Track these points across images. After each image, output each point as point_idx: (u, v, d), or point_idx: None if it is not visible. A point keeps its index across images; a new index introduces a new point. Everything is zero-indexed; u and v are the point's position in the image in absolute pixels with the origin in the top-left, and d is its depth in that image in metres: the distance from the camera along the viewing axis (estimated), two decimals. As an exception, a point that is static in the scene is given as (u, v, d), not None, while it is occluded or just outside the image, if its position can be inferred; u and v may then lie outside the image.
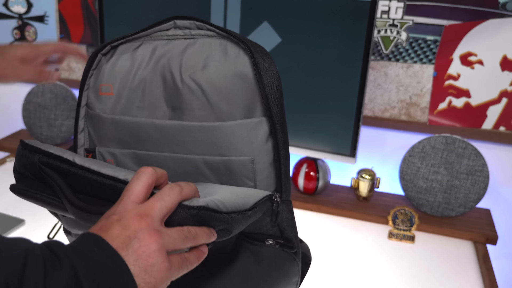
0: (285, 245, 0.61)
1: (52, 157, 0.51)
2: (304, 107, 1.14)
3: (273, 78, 0.54)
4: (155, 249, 0.41)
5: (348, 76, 1.08)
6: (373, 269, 1.02)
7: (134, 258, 0.40)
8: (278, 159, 0.56)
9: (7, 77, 0.91)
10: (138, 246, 0.41)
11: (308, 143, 1.18)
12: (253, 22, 1.11)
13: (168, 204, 0.45)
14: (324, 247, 1.09)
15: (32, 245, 0.37)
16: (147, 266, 0.41)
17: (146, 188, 0.46)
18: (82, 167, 0.50)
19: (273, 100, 0.54)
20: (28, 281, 0.34)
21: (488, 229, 1.14)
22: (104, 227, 0.42)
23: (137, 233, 0.42)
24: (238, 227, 0.50)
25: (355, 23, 1.04)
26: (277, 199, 0.57)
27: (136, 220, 0.42)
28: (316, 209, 1.22)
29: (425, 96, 1.24)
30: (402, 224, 1.14)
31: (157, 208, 0.44)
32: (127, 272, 0.39)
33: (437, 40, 1.19)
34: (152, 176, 0.47)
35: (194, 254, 0.46)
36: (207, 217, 0.47)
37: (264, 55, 0.54)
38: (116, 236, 0.41)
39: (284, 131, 0.56)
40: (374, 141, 1.32)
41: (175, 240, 0.44)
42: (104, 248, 0.40)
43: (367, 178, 1.21)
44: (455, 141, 1.15)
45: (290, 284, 0.65)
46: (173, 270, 0.43)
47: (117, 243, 0.41)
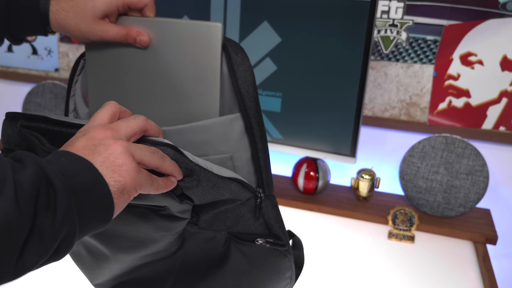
0: (275, 244, 0.61)
1: (31, 118, 0.52)
2: (304, 107, 1.14)
3: (245, 72, 0.54)
4: (121, 151, 0.42)
5: (348, 76, 1.08)
6: (373, 269, 1.02)
7: (100, 160, 0.41)
8: (256, 153, 0.56)
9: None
10: (103, 149, 0.41)
11: (308, 143, 1.18)
12: (253, 22, 1.11)
13: (133, 125, 0.46)
14: (324, 247, 1.09)
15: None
16: (114, 166, 0.41)
17: (110, 114, 0.47)
18: (57, 122, 0.50)
19: (246, 94, 0.54)
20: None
21: (488, 229, 1.14)
22: (69, 143, 0.43)
23: (102, 140, 0.42)
24: (204, 186, 0.50)
25: (355, 23, 1.04)
26: (261, 194, 0.57)
27: (101, 131, 0.43)
28: (316, 209, 1.22)
29: (425, 96, 1.24)
30: (402, 224, 1.14)
31: (122, 126, 0.45)
32: (94, 171, 0.39)
33: (437, 40, 1.19)
34: (115, 106, 0.48)
35: (163, 180, 0.46)
36: (172, 156, 0.47)
37: (238, 49, 0.54)
38: (81, 147, 0.41)
39: (260, 125, 0.55)
40: (374, 141, 1.32)
41: (141, 149, 0.44)
42: (70, 156, 0.40)
43: (367, 178, 1.21)
44: (455, 141, 1.15)
45: (283, 280, 0.66)
46: (142, 176, 0.43)
47: (83, 152, 0.41)
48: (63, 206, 0.36)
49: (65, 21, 0.54)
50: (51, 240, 0.36)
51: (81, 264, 0.67)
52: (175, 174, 0.47)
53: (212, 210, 0.56)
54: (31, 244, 0.35)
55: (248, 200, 0.57)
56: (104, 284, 0.68)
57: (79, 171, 0.39)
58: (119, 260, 0.61)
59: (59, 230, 0.36)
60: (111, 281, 0.67)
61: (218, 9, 1.12)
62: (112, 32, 0.55)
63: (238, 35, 1.13)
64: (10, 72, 1.62)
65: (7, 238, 0.33)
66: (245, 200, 0.57)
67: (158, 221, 0.53)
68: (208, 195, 0.51)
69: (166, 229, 0.55)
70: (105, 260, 0.62)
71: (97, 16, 0.54)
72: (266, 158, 0.57)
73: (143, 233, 0.56)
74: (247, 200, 0.57)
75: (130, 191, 0.42)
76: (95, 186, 0.39)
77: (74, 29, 0.54)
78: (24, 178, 0.35)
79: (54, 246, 0.36)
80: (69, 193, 0.37)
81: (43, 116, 0.51)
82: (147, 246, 0.58)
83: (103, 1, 0.54)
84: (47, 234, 0.35)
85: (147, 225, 0.54)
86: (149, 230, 0.55)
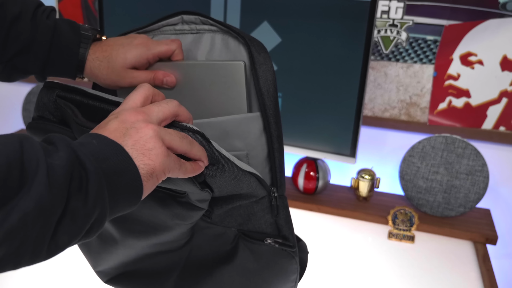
0: (284, 244, 0.61)
1: (67, 89, 0.53)
2: (304, 107, 1.14)
3: (267, 72, 0.55)
4: (151, 135, 0.43)
5: (348, 76, 1.08)
6: (373, 269, 1.02)
7: (131, 142, 0.42)
8: (273, 153, 0.57)
9: None
10: (134, 132, 0.42)
11: (308, 143, 1.18)
12: (253, 22, 1.11)
13: (165, 110, 0.46)
14: (324, 247, 1.09)
15: (25, 134, 0.37)
16: (144, 150, 0.42)
17: (143, 97, 0.47)
18: (92, 96, 0.51)
19: (266, 94, 0.55)
20: (29, 161, 0.34)
21: (488, 229, 1.14)
22: (102, 125, 0.44)
23: (133, 123, 0.43)
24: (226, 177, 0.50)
25: (355, 23, 1.04)
26: (275, 194, 0.58)
27: (133, 114, 0.44)
28: (316, 209, 1.22)
29: (425, 96, 1.24)
30: (402, 224, 1.14)
31: (154, 110, 0.46)
32: (125, 154, 0.40)
33: (437, 40, 1.19)
34: (149, 89, 0.48)
35: (191, 164, 0.47)
36: (200, 143, 0.48)
37: (261, 49, 0.55)
38: (113, 129, 0.42)
39: (278, 125, 0.56)
40: (374, 141, 1.32)
41: (171, 134, 0.44)
42: (102, 139, 0.41)
43: (367, 178, 1.21)
44: (455, 141, 1.15)
45: (288, 282, 0.66)
46: (171, 161, 0.44)
47: (114, 134, 0.42)
48: (94, 189, 0.37)
49: (98, 70, 0.58)
50: (83, 221, 0.37)
51: (87, 249, 0.67)
52: (202, 160, 0.48)
53: (227, 205, 0.57)
54: (64, 225, 0.36)
55: (262, 199, 0.58)
56: (106, 272, 0.68)
57: (110, 154, 0.40)
58: (128, 245, 0.61)
59: (90, 213, 0.37)
60: (114, 269, 0.66)
61: (218, 9, 1.12)
62: (141, 78, 0.58)
63: (238, 35, 1.13)
64: (10, 72, 1.62)
65: (41, 221, 0.34)
66: (259, 198, 0.57)
67: (176, 208, 0.54)
68: (228, 187, 0.52)
69: (181, 217, 0.55)
70: (113, 245, 0.62)
71: (127, 66, 0.57)
72: (282, 158, 0.58)
73: (158, 219, 0.56)
74: (261, 198, 0.57)
75: (159, 175, 0.43)
76: (126, 169, 0.40)
77: (105, 77, 0.58)
78: (57, 162, 0.36)
79: (86, 227, 0.38)
80: (101, 176, 0.38)
81: (80, 88, 0.52)
82: (159, 233, 0.58)
83: (134, 55, 0.57)
84: (79, 216, 0.37)
85: (163, 210, 0.54)
86: (164, 216, 0.55)
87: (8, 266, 0.35)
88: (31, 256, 0.35)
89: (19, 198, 0.33)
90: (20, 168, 0.34)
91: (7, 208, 0.33)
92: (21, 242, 0.34)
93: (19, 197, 0.33)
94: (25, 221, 0.33)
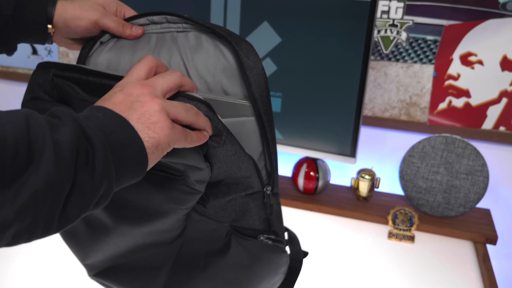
0: (277, 241, 0.62)
1: (64, 67, 0.52)
2: (304, 107, 1.14)
3: (258, 76, 0.52)
4: (156, 109, 0.43)
5: (348, 76, 1.08)
6: (373, 269, 1.02)
7: (136, 116, 0.42)
8: (269, 156, 0.57)
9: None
10: (140, 106, 0.43)
11: (308, 143, 1.18)
12: (253, 22, 1.11)
13: (169, 81, 0.47)
14: (324, 247, 1.09)
15: (30, 110, 0.38)
16: (149, 123, 0.42)
17: (147, 69, 0.48)
18: (91, 72, 0.51)
19: (260, 99, 0.53)
20: (36, 138, 0.35)
21: (488, 229, 1.14)
22: (107, 97, 0.44)
23: (139, 97, 0.43)
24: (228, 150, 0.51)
25: (355, 23, 1.04)
26: (268, 191, 0.58)
27: (138, 87, 0.44)
28: (316, 209, 1.22)
29: (425, 96, 1.24)
30: (402, 224, 1.14)
31: (159, 82, 0.46)
32: (130, 128, 0.41)
33: (437, 40, 1.19)
34: (152, 60, 0.49)
35: (196, 133, 0.47)
36: (205, 113, 0.48)
37: (249, 52, 0.52)
38: (119, 102, 0.43)
39: (272, 128, 0.56)
40: (374, 141, 1.32)
41: (176, 107, 0.45)
42: (107, 113, 0.41)
43: (367, 178, 1.21)
44: (455, 141, 1.15)
45: (278, 274, 0.67)
46: (176, 133, 0.44)
47: (119, 107, 0.42)
48: (101, 163, 0.38)
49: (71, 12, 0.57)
50: (91, 195, 0.38)
51: (75, 241, 0.65)
52: (207, 130, 0.48)
53: (223, 196, 0.57)
54: (73, 199, 0.37)
55: (256, 193, 0.58)
56: (95, 266, 0.66)
57: (116, 128, 0.40)
58: (120, 233, 0.60)
59: (98, 186, 0.38)
60: (103, 262, 0.65)
61: (218, 9, 1.12)
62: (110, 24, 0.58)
63: (238, 35, 1.13)
64: (10, 72, 1.62)
65: (51, 197, 0.35)
66: (254, 191, 0.57)
67: (172, 191, 0.53)
68: (228, 163, 0.52)
69: (178, 201, 0.55)
70: (104, 233, 0.61)
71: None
72: (276, 159, 0.58)
73: (154, 204, 0.55)
74: (255, 193, 0.58)
75: (164, 147, 0.43)
76: (131, 142, 0.41)
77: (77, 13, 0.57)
78: (63, 138, 0.36)
79: (94, 200, 0.39)
80: (107, 150, 0.38)
81: (77, 66, 0.52)
82: (153, 219, 0.57)
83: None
84: (87, 190, 0.38)
85: (159, 194, 0.54)
86: (160, 201, 0.55)
87: (21, 240, 0.36)
88: (43, 231, 0.36)
89: (28, 175, 0.34)
90: (28, 145, 0.34)
91: (17, 185, 0.33)
92: (33, 218, 0.35)
93: (27, 174, 0.34)
94: (36, 198, 0.34)
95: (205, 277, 0.62)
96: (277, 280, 0.68)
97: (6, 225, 0.34)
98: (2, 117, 0.35)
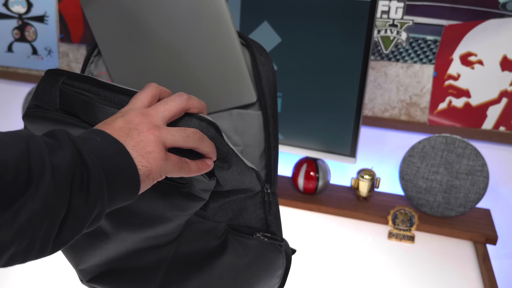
0: (273, 238, 0.62)
1: (75, 77, 0.53)
2: (304, 107, 1.14)
3: (269, 72, 0.56)
4: (152, 139, 0.44)
5: (348, 76, 1.08)
6: (373, 269, 1.02)
7: (132, 143, 0.43)
8: (269, 151, 0.58)
9: None
10: (136, 135, 0.44)
11: (308, 143, 1.18)
12: (253, 22, 1.11)
13: (172, 108, 0.47)
14: (324, 247, 1.09)
15: (30, 132, 0.38)
16: (144, 152, 0.43)
17: (150, 96, 0.49)
18: (103, 84, 0.51)
19: (268, 93, 0.56)
20: (35, 162, 0.36)
21: (488, 229, 1.14)
22: (108, 122, 0.45)
23: (137, 125, 0.45)
24: (233, 171, 0.51)
25: (355, 23, 1.04)
26: (268, 190, 0.59)
27: (138, 116, 0.46)
28: (316, 209, 1.22)
29: (425, 96, 1.24)
30: (402, 224, 1.14)
31: (160, 110, 0.47)
32: (126, 154, 0.42)
33: (437, 40, 1.19)
34: (156, 88, 0.50)
35: (197, 163, 0.48)
36: (213, 136, 0.49)
37: (262, 50, 0.56)
38: (118, 128, 0.44)
39: (276, 124, 0.58)
40: (374, 141, 1.32)
41: (174, 136, 0.46)
42: (105, 137, 0.42)
43: (367, 178, 1.21)
44: (455, 141, 1.15)
45: (274, 278, 0.67)
46: (169, 164, 0.45)
47: (118, 133, 0.44)
48: (96, 188, 0.39)
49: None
50: (85, 218, 0.39)
51: (70, 248, 0.64)
52: (211, 156, 0.49)
53: (223, 198, 0.57)
54: (67, 222, 0.38)
55: (256, 194, 0.59)
56: (89, 270, 0.65)
57: (112, 153, 0.41)
58: (120, 239, 0.60)
59: (91, 211, 0.39)
60: (98, 266, 0.64)
61: (218, 9, 1.12)
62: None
63: (238, 35, 1.13)
64: (10, 72, 1.62)
65: (47, 220, 0.36)
66: (254, 193, 0.58)
67: (176, 198, 0.54)
68: (233, 181, 0.53)
69: (181, 208, 0.55)
70: (103, 239, 0.60)
71: None
72: (277, 156, 0.59)
73: (156, 211, 0.56)
74: (255, 194, 0.59)
75: (155, 177, 0.44)
76: (126, 168, 0.42)
77: None
78: (61, 163, 0.37)
79: (87, 223, 0.40)
80: (101, 175, 0.39)
81: (89, 77, 0.52)
82: (155, 226, 0.57)
83: None
84: (81, 214, 0.38)
85: (163, 201, 0.54)
86: (163, 208, 0.55)
87: (16, 261, 0.37)
88: (38, 253, 0.37)
89: (26, 198, 0.35)
90: (27, 169, 0.35)
91: (15, 207, 0.34)
92: (30, 240, 0.36)
93: (25, 197, 0.35)
94: (34, 221, 0.35)
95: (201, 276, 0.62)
96: (273, 283, 0.67)
97: (4, 247, 0.35)
98: (3, 140, 0.36)
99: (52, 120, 0.52)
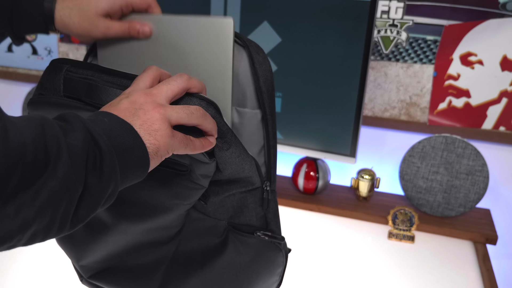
0: (273, 237, 0.63)
1: (79, 64, 0.54)
2: (304, 107, 1.14)
3: (266, 71, 0.57)
4: (158, 117, 0.45)
5: (348, 76, 1.08)
6: (373, 269, 1.02)
7: (139, 123, 0.45)
8: (268, 149, 0.59)
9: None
10: (142, 114, 0.45)
11: (308, 143, 1.18)
12: (253, 22, 1.11)
13: (174, 87, 0.49)
14: (324, 247, 1.09)
15: (43, 115, 0.40)
16: (151, 130, 0.45)
17: (152, 78, 0.50)
18: (105, 70, 0.52)
19: (266, 92, 0.57)
20: (52, 142, 0.37)
21: (488, 229, 1.14)
22: (113, 103, 0.47)
23: (142, 105, 0.46)
24: (233, 152, 0.53)
25: (355, 23, 1.04)
26: (267, 187, 0.60)
27: (143, 96, 0.47)
28: (316, 209, 1.22)
29: (425, 96, 1.24)
30: (402, 224, 1.14)
31: (163, 89, 0.48)
32: (134, 133, 0.44)
33: (437, 40, 1.19)
34: (156, 70, 0.51)
35: (200, 140, 0.49)
36: (213, 115, 0.50)
37: (258, 49, 0.57)
38: (123, 109, 0.45)
39: (274, 122, 0.58)
40: (374, 141, 1.32)
41: (178, 113, 0.47)
42: (113, 118, 0.44)
43: (367, 178, 1.21)
44: (455, 141, 1.15)
45: (274, 276, 0.67)
46: (176, 141, 0.47)
47: (124, 113, 0.45)
48: (108, 167, 0.40)
49: (69, 18, 0.56)
50: (100, 196, 0.41)
51: (71, 242, 0.64)
52: (213, 133, 0.50)
53: (224, 192, 0.58)
54: (83, 200, 0.39)
55: (256, 189, 0.59)
56: (90, 267, 0.65)
57: (121, 132, 0.43)
58: (120, 231, 0.60)
59: (105, 188, 0.41)
60: (99, 263, 0.64)
61: (218, 9, 1.12)
62: (115, 28, 0.56)
63: (238, 35, 1.13)
64: (10, 72, 1.62)
65: (66, 198, 0.38)
66: (254, 187, 0.59)
67: (176, 186, 0.55)
68: (232, 164, 0.54)
69: (181, 196, 0.56)
70: (103, 232, 0.60)
71: (100, 13, 0.55)
72: (275, 154, 0.60)
73: (156, 200, 0.56)
74: (254, 189, 0.59)
75: (162, 153, 0.46)
76: (135, 146, 0.43)
77: (77, 27, 0.56)
78: (75, 143, 0.39)
79: (102, 201, 0.41)
80: (113, 154, 0.41)
81: (91, 63, 0.53)
82: (155, 216, 0.58)
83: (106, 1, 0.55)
84: (96, 192, 0.40)
85: (163, 190, 0.55)
86: (164, 196, 0.56)
87: (37, 239, 0.38)
88: (57, 230, 0.38)
89: (46, 177, 0.36)
90: (44, 149, 0.36)
91: (36, 187, 0.35)
92: (50, 218, 0.37)
93: (45, 176, 0.36)
94: (53, 200, 0.36)
95: (202, 274, 0.62)
96: (273, 281, 0.68)
97: (27, 225, 0.36)
98: (20, 124, 0.37)
99: (56, 104, 0.53)
